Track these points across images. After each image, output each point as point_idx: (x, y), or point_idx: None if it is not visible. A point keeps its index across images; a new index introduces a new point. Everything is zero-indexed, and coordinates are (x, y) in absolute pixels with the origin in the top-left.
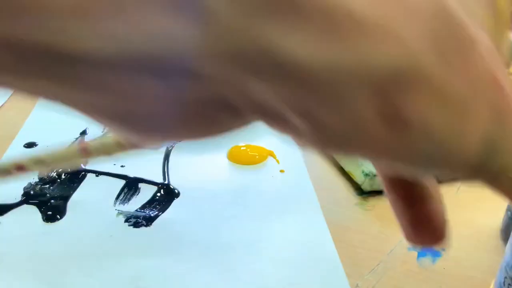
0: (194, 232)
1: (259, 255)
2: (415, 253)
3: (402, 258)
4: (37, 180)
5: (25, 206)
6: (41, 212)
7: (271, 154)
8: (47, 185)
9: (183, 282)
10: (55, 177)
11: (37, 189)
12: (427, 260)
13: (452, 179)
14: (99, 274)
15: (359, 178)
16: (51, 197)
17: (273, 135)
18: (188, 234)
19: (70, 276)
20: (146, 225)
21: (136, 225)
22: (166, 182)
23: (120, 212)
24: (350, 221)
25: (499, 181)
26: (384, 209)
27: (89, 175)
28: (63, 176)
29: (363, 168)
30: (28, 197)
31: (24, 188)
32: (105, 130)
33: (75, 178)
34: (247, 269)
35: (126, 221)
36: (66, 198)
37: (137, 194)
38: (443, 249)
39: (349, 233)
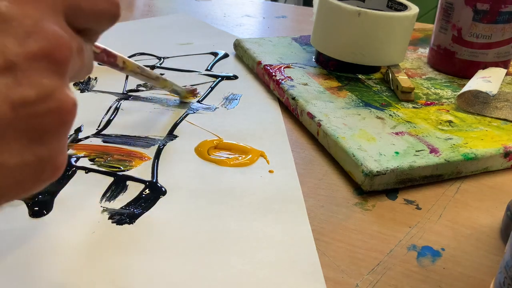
0: (176, 230)
1: (239, 255)
2: (415, 253)
3: (402, 258)
4: None
5: (13, 200)
6: (28, 207)
7: (262, 154)
8: None
9: (161, 279)
10: None
11: None
12: (427, 260)
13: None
14: (77, 269)
15: (359, 178)
16: (39, 192)
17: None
18: (169, 232)
19: (50, 271)
20: (129, 223)
21: (119, 222)
22: (154, 180)
23: (105, 209)
24: (350, 221)
25: None
26: (384, 209)
27: (78, 171)
28: None
29: (363, 168)
30: None
31: None
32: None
33: (65, 174)
34: (226, 269)
35: (110, 218)
36: (53, 194)
37: (124, 192)
38: (443, 249)
39: (349, 233)
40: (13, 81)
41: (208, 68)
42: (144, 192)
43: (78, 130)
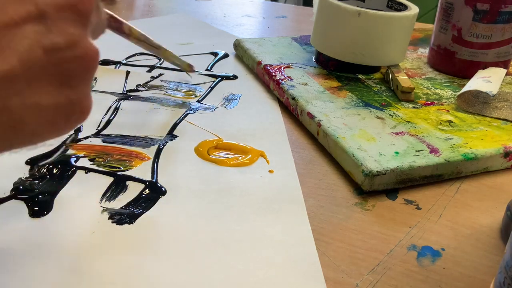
0: (176, 230)
1: (239, 255)
2: (415, 253)
3: (402, 258)
4: (28, 175)
5: (13, 201)
6: (28, 207)
7: (262, 154)
8: (37, 181)
9: (161, 279)
10: (45, 173)
11: (27, 184)
12: (427, 260)
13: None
14: (77, 269)
15: (358, 178)
16: (39, 192)
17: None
18: (169, 232)
19: (50, 271)
20: (129, 223)
21: (119, 222)
22: (154, 180)
23: (105, 209)
24: (350, 221)
25: None
26: (384, 209)
27: (78, 171)
28: (54, 171)
29: (363, 168)
30: (17, 192)
31: (14, 183)
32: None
33: (65, 174)
34: (226, 269)
35: (110, 218)
36: (53, 194)
37: (124, 192)
38: (443, 249)
39: (349, 233)
40: (45, 29)
41: (208, 68)
42: (144, 192)
43: (78, 130)
